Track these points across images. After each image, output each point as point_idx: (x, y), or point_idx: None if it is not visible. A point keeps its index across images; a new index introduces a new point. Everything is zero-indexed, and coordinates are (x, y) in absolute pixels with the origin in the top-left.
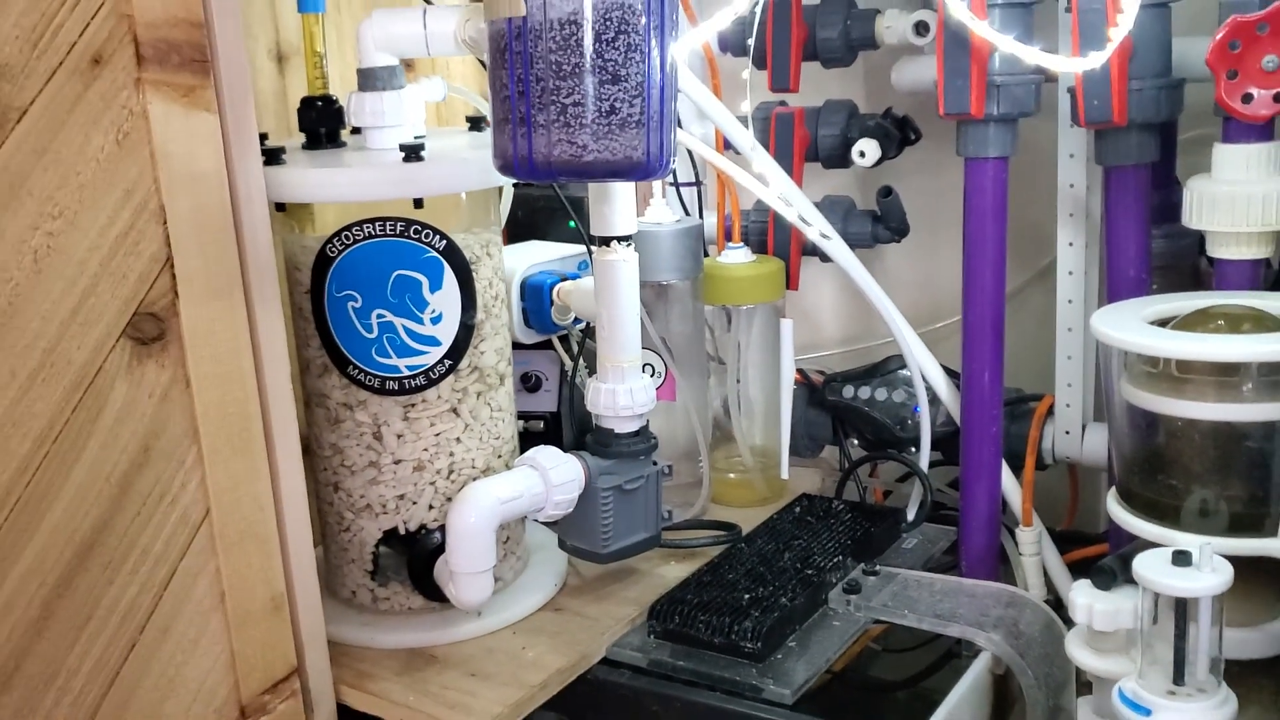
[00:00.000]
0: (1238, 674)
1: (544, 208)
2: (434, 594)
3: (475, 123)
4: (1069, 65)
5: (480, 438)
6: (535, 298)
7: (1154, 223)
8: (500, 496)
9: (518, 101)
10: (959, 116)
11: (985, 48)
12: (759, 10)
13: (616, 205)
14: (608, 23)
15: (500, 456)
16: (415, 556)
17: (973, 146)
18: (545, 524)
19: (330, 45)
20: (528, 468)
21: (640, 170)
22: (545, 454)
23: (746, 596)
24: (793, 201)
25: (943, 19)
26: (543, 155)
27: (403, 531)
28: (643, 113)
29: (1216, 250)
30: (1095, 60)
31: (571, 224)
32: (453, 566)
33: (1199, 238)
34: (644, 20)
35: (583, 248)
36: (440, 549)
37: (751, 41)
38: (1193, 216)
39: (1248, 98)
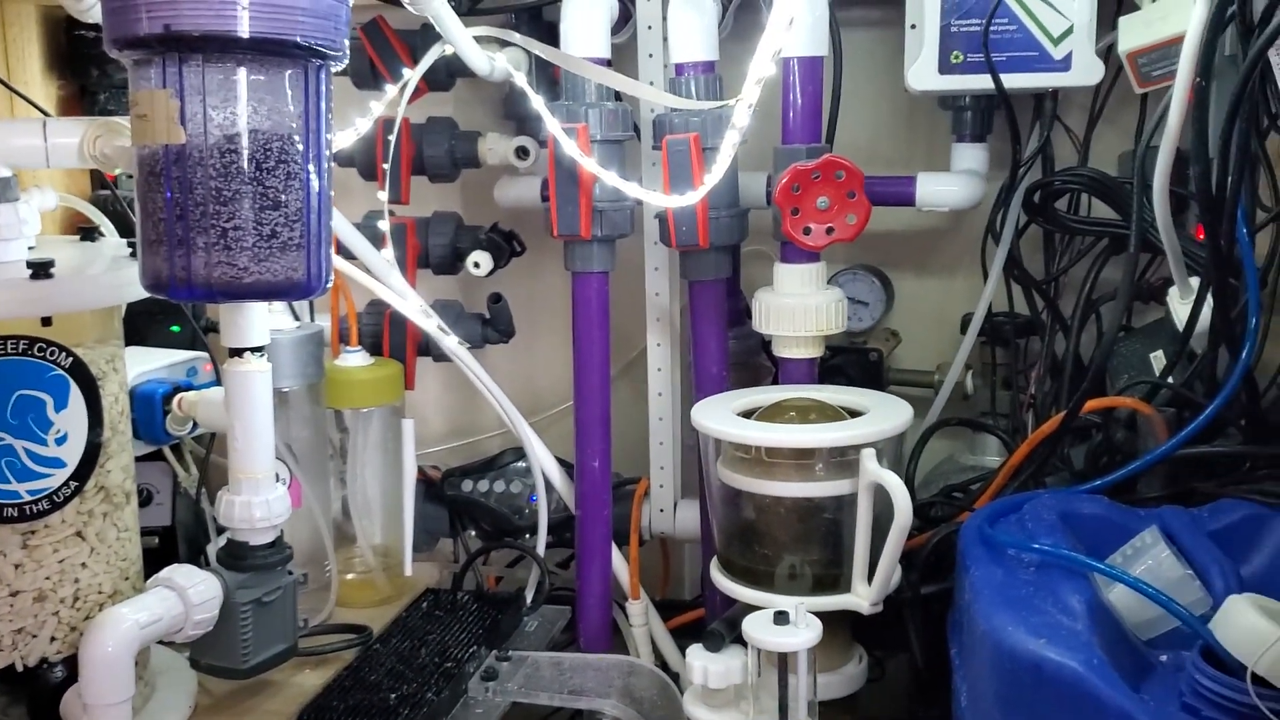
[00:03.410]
0: (826, 713)
1: (142, 312)
2: None
3: (87, 233)
4: (669, 202)
5: (107, 561)
6: (145, 408)
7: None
8: (139, 621)
9: (174, 224)
10: (569, 238)
11: (591, 179)
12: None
13: (250, 315)
14: (268, 151)
15: (128, 579)
16: (36, 694)
17: (580, 263)
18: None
19: None
20: (164, 589)
21: (300, 290)
22: (182, 573)
23: (393, 696)
24: (431, 312)
25: (554, 154)
26: (201, 277)
27: (20, 668)
28: (302, 235)
29: (781, 351)
30: (693, 198)
31: (175, 329)
32: (88, 699)
33: (761, 338)
34: (302, 148)
35: (189, 354)
36: (65, 683)
37: (387, 166)
38: (761, 323)
39: (807, 230)
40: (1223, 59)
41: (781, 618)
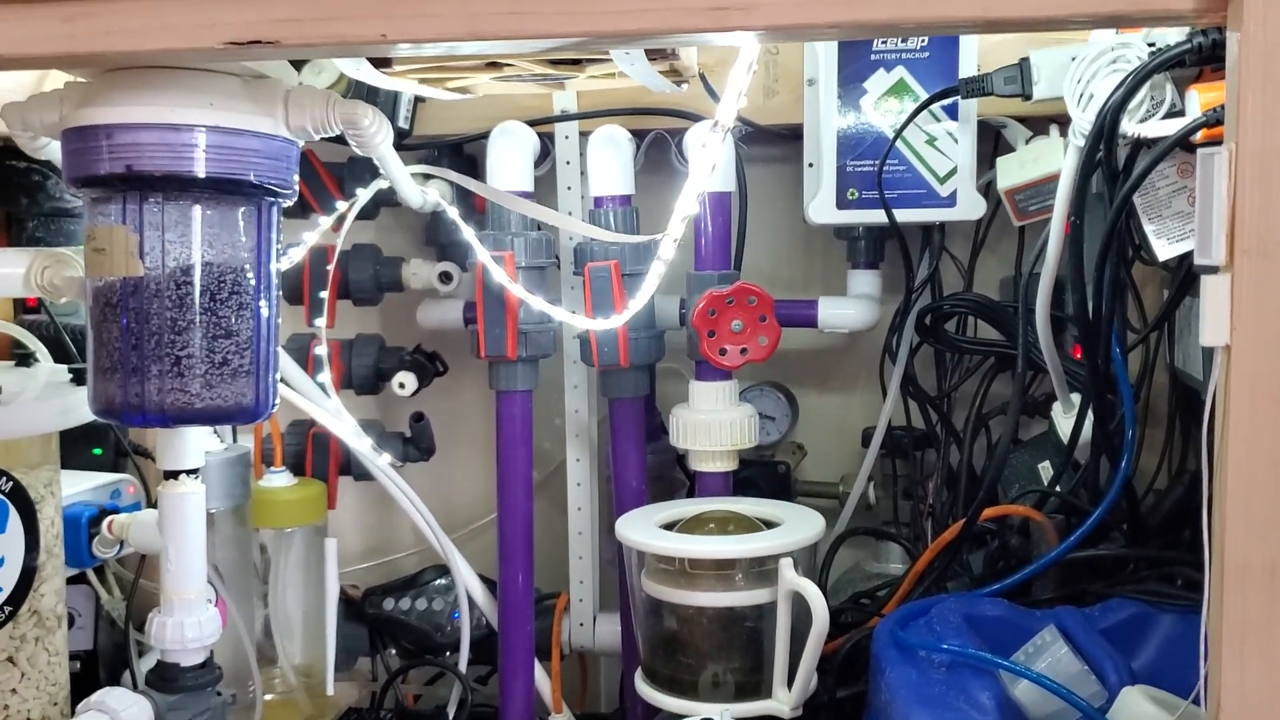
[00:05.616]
0: None
1: (64, 434)
2: None
3: (23, 358)
4: (594, 325)
5: (38, 686)
6: (71, 531)
7: None
8: None
9: (129, 352)
10: (496, 359)
11: (517, 303)
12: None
13: (187, 438)
14: (221, 283)
15: (56, 704)
16: None
17: (505, 382)
18: None
19: None
20: (95, 713)
21: (248, 414)
22: (114, 696)
23: None
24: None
25: (482, 281)
26: (154, 403)
27: None
28: (252, 362)
29: (698, 465)
30: (617, 321)
31: (98, 451)
32: None
33: (676, 452)
34: (253, 279)
35: (113, 476)
36: None
37: (324, 295)
38: (679, 438)
39: (723, 351)
40: (1091, 196)
41: None
